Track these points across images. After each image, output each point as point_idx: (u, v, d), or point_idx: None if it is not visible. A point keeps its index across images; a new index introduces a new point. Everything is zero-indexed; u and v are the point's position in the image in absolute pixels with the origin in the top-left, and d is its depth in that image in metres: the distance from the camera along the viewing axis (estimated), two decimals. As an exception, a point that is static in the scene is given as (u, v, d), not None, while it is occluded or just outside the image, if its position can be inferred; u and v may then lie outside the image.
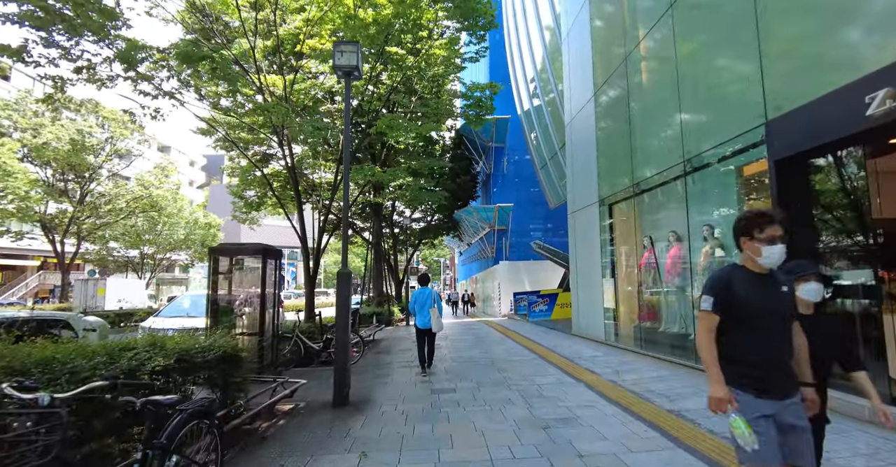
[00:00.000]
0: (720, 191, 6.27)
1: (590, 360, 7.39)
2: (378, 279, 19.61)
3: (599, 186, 9.65)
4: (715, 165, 6.02)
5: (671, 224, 7.65)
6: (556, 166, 18.15)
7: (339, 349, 5.22)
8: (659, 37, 7.32)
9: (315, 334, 8.26)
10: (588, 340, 9.88)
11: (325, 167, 11.81)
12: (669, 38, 6.92)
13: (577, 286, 10.99)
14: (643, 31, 7.81)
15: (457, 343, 10.63)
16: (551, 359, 7.61)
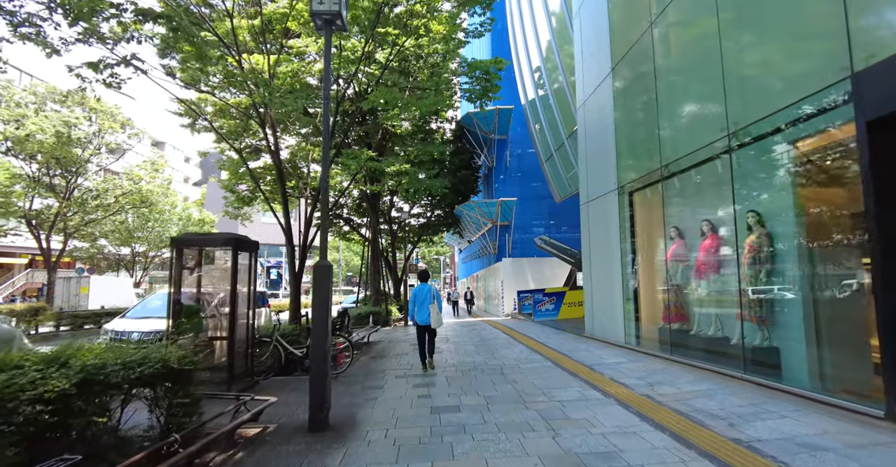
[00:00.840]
0: (775, 169, 5.28)
1: (613, 368, 6.42)
2: (375, 277, 18.64)
3: (618, 172, 8.67)
4: (771, 137, 5.03)
5: (706, 211, 6.67)
6: (563, 157, 17.17)
7: (315, 361, 4.25)
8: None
9: (300, 338, 7.28)
10: (604, 343, 8.91)
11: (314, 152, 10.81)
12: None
13: (591, 283, 10.02)
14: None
15: (459, 346, 9.66)
16: (568, 367, 6.63)
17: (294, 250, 8.17)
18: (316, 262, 4.55)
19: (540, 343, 9.57)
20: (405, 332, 13.61)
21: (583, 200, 10.58)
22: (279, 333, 6.80)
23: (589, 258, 10.13)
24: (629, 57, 8.32)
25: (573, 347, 8.72)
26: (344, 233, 26.83)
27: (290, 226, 8.25)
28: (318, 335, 4.26)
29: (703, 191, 6.75)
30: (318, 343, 4.25)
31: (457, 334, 12.32)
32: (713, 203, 6.55)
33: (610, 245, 8.93)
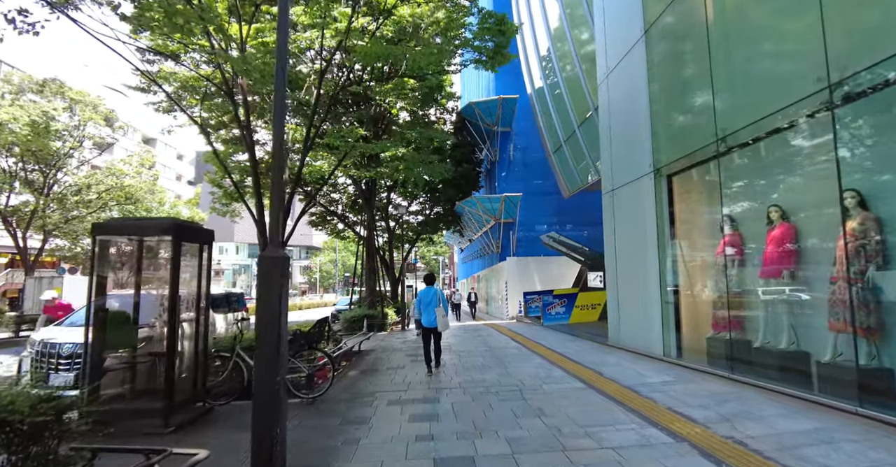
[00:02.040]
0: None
1: (662, 391, 5.06)
2: (371, 277, 17.27)
3: (654, 153, 7.32)
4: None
5: (777, 193, 5.33)
6: (574, 147, 15.84)
7: (260, 400, 2.88)
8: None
9: None
10: (636, 355, 7.55)
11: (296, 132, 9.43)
12: None
13: (617, 284, 8.66)
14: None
15: (465, 357, 8.29)
16: (606, 389, 5.27)
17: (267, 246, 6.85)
18: (261, 253, 3.19)
19: (558, 353, 8.21)
20: (402, 338, 12.23)
21: (605, 189, 9.23)
22: (242, 345, 5.42)
23: (614, 254, 8.77)
24: (668, 15, 6.97)
25: (599, 359, 7.35)
26: (338, 231, 25.48)
27: (264, 217, 6.91)
28: (265, 358, 2.89)
29: (774, 168, 5.40)
30: (263, 371, 2.88)
31: (461, 341, 10.95)
32: (790, 182, 5.21)
33: (643, 238, 7.58)
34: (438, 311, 6.81)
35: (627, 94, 8.34)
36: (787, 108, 4.69)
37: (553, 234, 16.56)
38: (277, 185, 3.37)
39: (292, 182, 7.29)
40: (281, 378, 2.92)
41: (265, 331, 2.92)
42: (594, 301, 14.59)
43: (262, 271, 3.03)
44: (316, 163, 10.35)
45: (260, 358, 2.91)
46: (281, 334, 2.94)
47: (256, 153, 11.34)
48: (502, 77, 22.93)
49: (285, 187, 5.20)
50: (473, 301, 17.03)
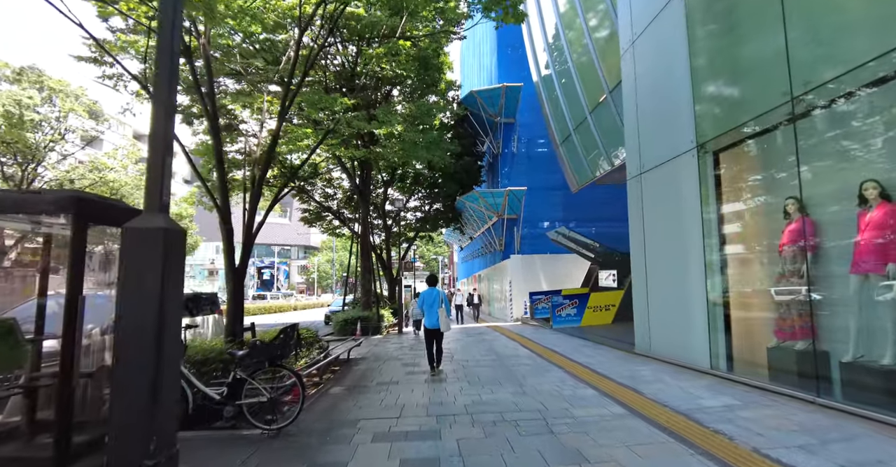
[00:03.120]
0: None
1: (733, 421, 3.86)
2: (366, 276, 16.07)
3: (697, 125, 6.12)
4: None
5: (879, 163, 4.14)
6: (585, 136, 14.65)
7: None
8: None
9: (227, 366, 4.70)
10: (674, 366, 6.36)
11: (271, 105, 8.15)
12: None
13: (646, 282, 7.46)
14: None
15: (470, 368, 7.09)
16: (659, 418, 4.06)
17: (232, 234, 5.65)
18: (129, 222, 1.99)
19: (579, 364, 7.01)
20: (398, 343, 11.02)
21: (631, 173, 8.03)
22: (184, 361, 4.20)
23: (642, 248, 7.57)
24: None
25: (630, 372, 6.15)
26: (333, 228, 24.29)
27: (227, 198, 5.71)
28: (118, 388, 1.68)
29: (871, 132, 4.20)
30: (118, 414, 1.67)
31: (464, 347, 9.74)
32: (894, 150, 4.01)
33: (682, 228, 6.38)
34: (441, 312, 6.78)
35: (659, 60, 7.14)
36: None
37: (562, 230, 15.38)
38: (160, 113, 2.15)
39: (264, 160, 6.11)
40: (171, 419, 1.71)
41: (128, 348, 1.71)
42: (608, 302, 13.41)
43: (128, 249, 1.83)
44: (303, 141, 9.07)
45: (118, 399, 1.70)
46: (165, 351, 1.73)
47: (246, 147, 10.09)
48: (505, 65, 21.77)
49: (174, 105, 3.97)
50: (476, 302, 15.76)
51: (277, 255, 71.39)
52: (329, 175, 22.30)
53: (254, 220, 5.98)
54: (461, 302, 16.19)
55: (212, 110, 5.73)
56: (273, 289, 58.17)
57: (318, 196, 21.94)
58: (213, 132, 5.78)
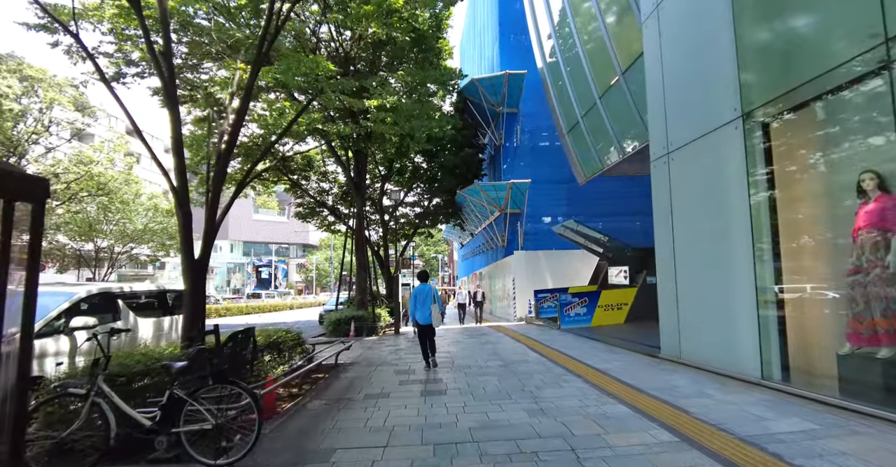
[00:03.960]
0: None
1: (824, 456, 2.92)
2: (361, 273, 15.12)
3: (743, 90, 5.17)
4: None
5: None
6: (594, 123, 13.72)
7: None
8: None
9: (165, 382, 3.72)
10: (714, 375, 5.43)
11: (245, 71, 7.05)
12: None
13: (675, 278, 6.51)
14: None
15: (474, 376, 6.14)
16: (723, 451, 3.11)
17: (189, 220, 4.67)
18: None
19: (600, 372, 6.07)
20: (394, 345, 10.07)
21: (655, 154, 7.08)
22: (104, 375, 3.22)
23: (670, 239, 6.62)
24: None
25: (663, 383, 5.22)
26: (329, 224, 23.36)
27: (185, 180, 4.74)
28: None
29: None
30: None
31: (464, 350, 8.80)
32: None
33: (723, 213, 5.43)
34: (434, 308, 6.87)
35: (691, 20, 6.19)
36: None
37: (570, 223, 14.43)
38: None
39: (230, 132, 5.14)
40: None
41: None
42: (620, 300, 12.47)
43: None
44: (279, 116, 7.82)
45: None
46: None
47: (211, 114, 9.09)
48: (508, 53, 20.81)
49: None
50: (479, 301, 14.74)
51: (275, 254, 70.50)
52: (324, 167, 21.38)
53: (217, 206, 5.03)
54: (464, 300, 15.16)
55: (167, 72, 4.78)
56: (271, 288, 57.25)
57: (313, 191, 21.03)
58: (169, 100, 4.83)
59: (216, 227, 5.14)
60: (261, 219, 72.00)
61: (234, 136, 5.13)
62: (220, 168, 5.10)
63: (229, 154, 5.19)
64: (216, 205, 5.08)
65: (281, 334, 6.54)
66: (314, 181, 21.35)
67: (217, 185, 5.09)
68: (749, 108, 5.07)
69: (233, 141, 5.14)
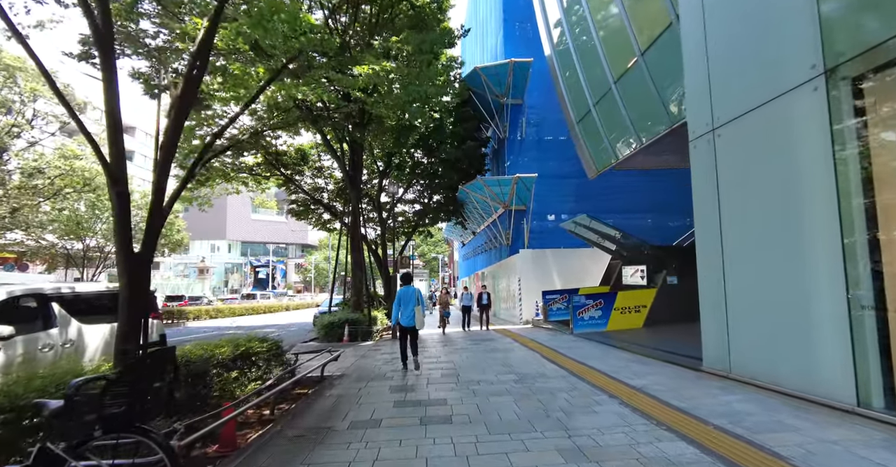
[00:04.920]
0: None
1: None
2: (357, 273, 14.08)
3: (826, 41, 4.13)
4: None
5: None
6: (608, 110, 12.69)
7: None
8: None
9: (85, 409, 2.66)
10: (781, 396, 4.38)
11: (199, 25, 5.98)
12: None
13: (723, 276, 5.46)
14: None
15: (484, 396, 5.09)
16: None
17: (126, 200, 3.62)
18: None
19: (635, 389, 5.02)
20: (391, 353, 9.02)
21: (696, 132, 6.03)
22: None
23: (716, 230, 5.57)
24: None
25: (725, 408, 4.17)
26: (324, 222, 22.33)
27: (123, 155, 3.63)
28: None
29: None
30: None
31: (471, 360, 7.75)
32: None
33: (793, 196, 4.39)
34: (417, 310, 6.93)
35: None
36: None
37: (583, 218, 13.38)
38: None
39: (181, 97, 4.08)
40: None
41: None
42: (638, 302, 11.43)
43: None
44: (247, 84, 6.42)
45: None
46: None
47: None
48: (512, 41, 19.79)
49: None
50: (485, 303, 13.53)
51: (274, 254, 69.49)
52: (319, 162, 20.37)
53: (163, 190, 3.98)
54: (469, 302, 13.93)
55: (102, 24, 3.73)
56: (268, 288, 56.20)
57: (308, 187, 20.03)
58: (101, 51, 3.79)
59: (164, 214, 4.09)
60: (259, 219, 71.02)
61: (185, 106, 4.09)
62: (167, 144, 4.05)
63: (179, 128, 4.13)
64: (163, 190, 4.03)
65: (254, 344, 5.50)
66: (308, 177, 20.36)
67: (164, 164, 4.05)
68: (834, 63, 4.02)
69: (183, 111, 4.09)
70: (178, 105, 4.05)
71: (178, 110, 4.07)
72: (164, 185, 4.02)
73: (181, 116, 4.12)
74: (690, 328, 10.32)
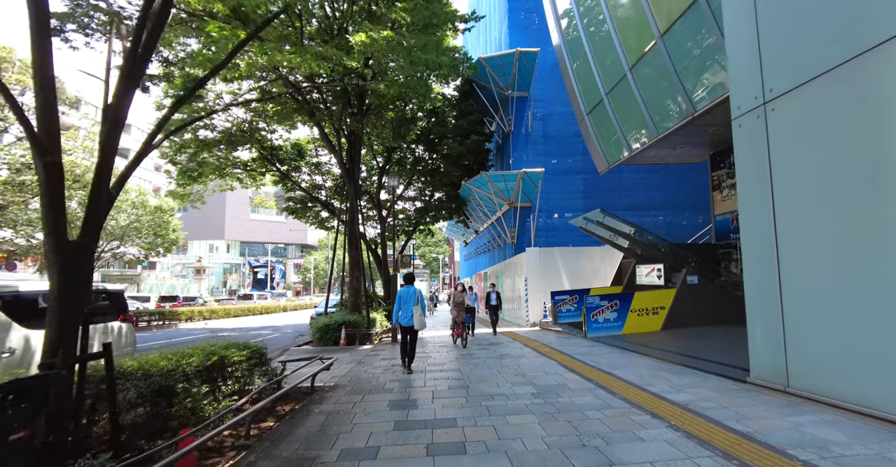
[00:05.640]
0: None
1: None
2: (354, 272, 13.30)
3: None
4: None
5: None
6: (622, 99, 11.94)
7: None
8: None
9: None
10: (861, 417, 3.61)
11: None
12: None
13: (778, 272, 4.68)
14: None
15: (500, 418, 4.29)
16: None
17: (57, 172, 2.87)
18: None
19: (681, 408, 4.23)
20: (391, 358, 8.22)
21: (742, 107, 5.25)
22: None
23: (768, 219, 4.79)
24: None
25: (803, 435, 3.39)
26: (322, 220, 21.57)
27: (55, 115, 2.90)
28: None
29: None
30: None
31: (479, 369, 6.96)
32: None
33: (885, 175, 3.62)
34: (416, 310, 6.90)
35: None
36: None
37: (595, 213, 12.58)
38: None
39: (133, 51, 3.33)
40: None
41: None
42: (657, 303, 10.64)
43: None
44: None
45: None
46: None
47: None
48: (517, 30, 19.02)
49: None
50: (494, 304, 12.48)
51: (273, 254, 68.75)
52: (316, 158, 19.62)
53: (109, 166, 3.19)
54: (474, 303, 12.85)
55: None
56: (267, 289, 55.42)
57: (306, 184, 19.29)
58: None
59: (110, 198, 3.31)
60: (258, 219, 70.33)
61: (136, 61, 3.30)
62: (115, 110, 3.26)
63: (131, 87, 3.34)
64: (109, 167, 3.24)
65: (231, 352, 4.71)
66: (305, 173, 19.61)
67: (110, 137, 3.26)
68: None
69: (136, 67, 3.29)
70: (129, 56, 3.28)
71: (129, 63, 3.29)
72: (110, 162, 3.25)
73: (135, 73, 3.34)
74: (717, 332, 9.57)
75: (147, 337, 16.12)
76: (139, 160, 3.70)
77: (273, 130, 17.29)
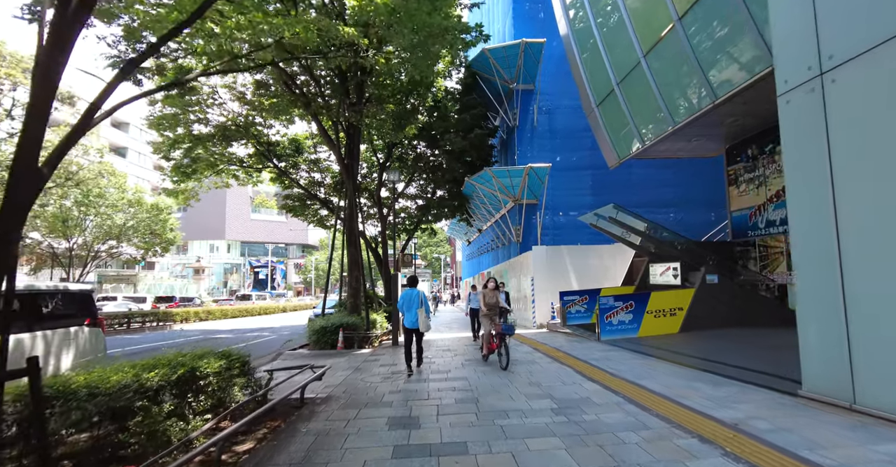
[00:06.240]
0: None
1: None
2: (353, 272, 12.67)
3: None
4: None
5: None
6: (634, 88, 11.27)
7: None
8: None
9: None
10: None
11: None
12: None
13: (840, 270, 4.02)
14: None
15: (517, 442, 3.64)
16: None
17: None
18: None
19: (732, 429, 3.57)
20: (391, 364, 7.56)
21: (792, 81, 4.58)
22: None
23: (827, 209, 4.13)
24: None
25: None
26: (321, 218, 20.96)
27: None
28: None
29: None
30: None
31: (488, 377, 6.30)
32: None
33: None
34: (420, 312, 6.64)
35: None
36: None
37: (608, 209, 11.90)
38: None
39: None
40: None
41: None
42: (674, 304, 9.97)
43: None
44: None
45: None
46: None
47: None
48: (522, 20, 18.37)
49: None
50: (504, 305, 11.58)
51: (274, 254, 68.22)
52: (315, 154, 19.00)
53: (40, 139, 2.53)
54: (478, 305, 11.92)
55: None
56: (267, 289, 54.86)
57: (304, 181, 18.69)
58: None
59: (40, 176, 2.68)
60: (259, 219, 69.85)
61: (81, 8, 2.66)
62: (45, 69, 2.63)
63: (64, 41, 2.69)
64: (38, 139, 2.60)
65: (204, 363, 4.06)
66: (304, 170, 19.00)
67: (39, 102, 2.62)
68: None
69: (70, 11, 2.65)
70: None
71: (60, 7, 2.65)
72: (40, 134, 2.62)
73: (71, 19, 2.69)
74: (740, 334, 8.90)
75: (139, 339, 15.52)
76: (76, 135, 3.05)
77: (270, 126, 16.69)
